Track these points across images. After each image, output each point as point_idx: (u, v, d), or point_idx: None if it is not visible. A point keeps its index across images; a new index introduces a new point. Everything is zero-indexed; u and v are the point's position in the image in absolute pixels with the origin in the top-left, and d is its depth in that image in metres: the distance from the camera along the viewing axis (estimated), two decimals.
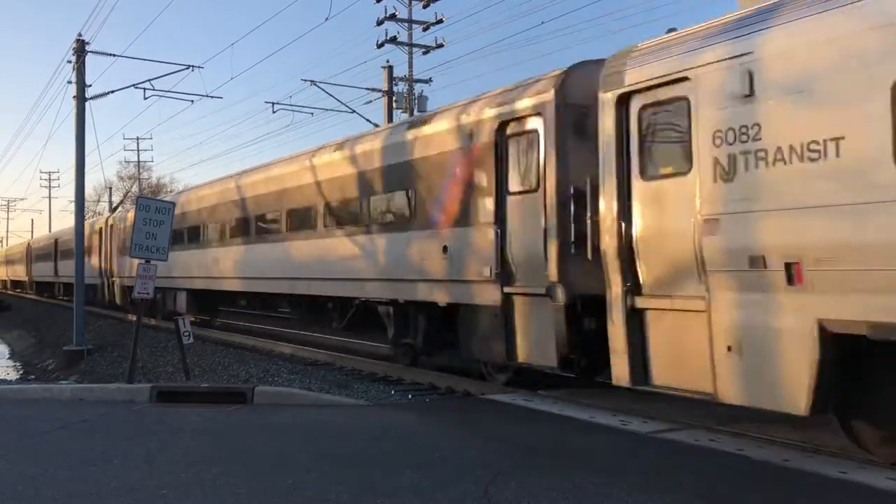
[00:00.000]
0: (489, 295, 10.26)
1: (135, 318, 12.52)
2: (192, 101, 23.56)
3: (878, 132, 5.69)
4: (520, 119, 9.91)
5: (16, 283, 62.17)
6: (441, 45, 29.28)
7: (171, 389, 10.26)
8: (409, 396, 10.78)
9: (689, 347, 7.14)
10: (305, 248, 15.44)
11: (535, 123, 9.67)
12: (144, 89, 21.53)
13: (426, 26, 28.65)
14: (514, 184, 10.04)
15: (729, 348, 6.68)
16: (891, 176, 5.59)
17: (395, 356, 13.53)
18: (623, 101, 7.88)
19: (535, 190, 9.62)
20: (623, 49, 8.23)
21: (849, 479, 5.68)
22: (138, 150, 64.49)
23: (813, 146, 6.07)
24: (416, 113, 29.24)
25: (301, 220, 15.76)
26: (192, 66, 21.25)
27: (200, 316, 22.49)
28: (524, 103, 9.85)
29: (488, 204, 10.31)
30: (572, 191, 9.00)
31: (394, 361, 13.42)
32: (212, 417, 8.50)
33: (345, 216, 14.27)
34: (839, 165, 5.90)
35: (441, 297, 11.45)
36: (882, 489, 5.42)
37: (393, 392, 11.32)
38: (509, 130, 10.07)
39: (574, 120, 9.27)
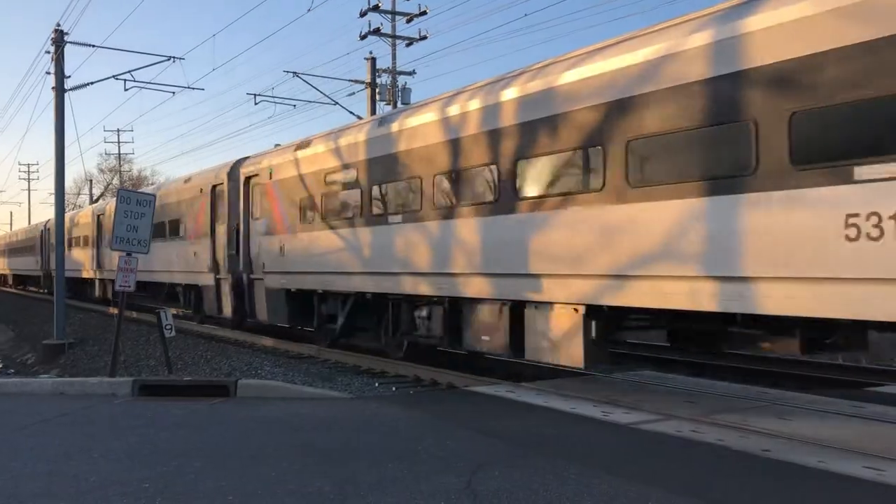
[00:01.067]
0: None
1: (116, 310, 12.44)
2: (174, 92, 23.43)
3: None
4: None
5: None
6: (425, 37, 29.23)
7: (153, 383, 10.22)
8: (393, 389, 10.80)
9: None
10: None
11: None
12: (125, 80, 21.37)
13: (410, 18, 28.58)
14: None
15: None
16: None
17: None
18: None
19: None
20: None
21: (827, 468, 5.75)
22: (119, 142, 64.07)
23: None
24: (399, 105, 29.17)
25: None
26: (173, 58, 21.10)
27: None
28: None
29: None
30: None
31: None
32: (194, 411, 8.47)
33: None
34: None
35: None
36: (860, 478, 5.49)
37: (377, 384, 11.35)
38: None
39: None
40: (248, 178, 17.34)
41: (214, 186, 19.15)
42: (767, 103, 7.04)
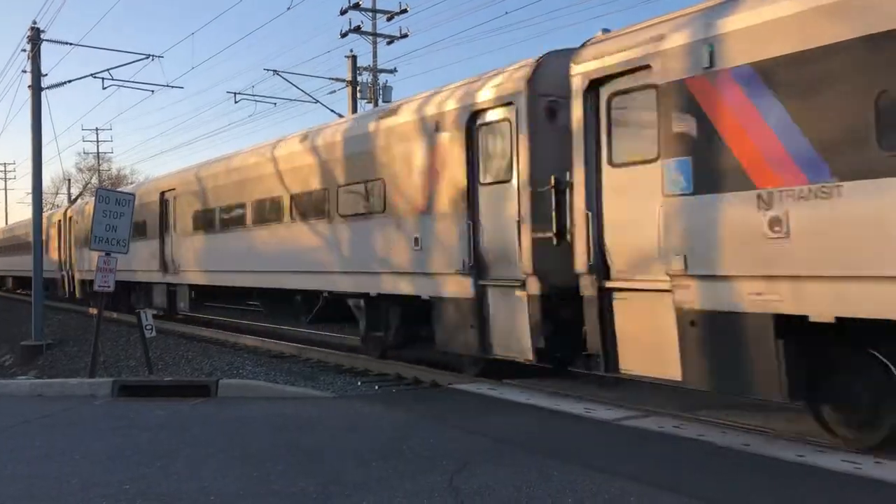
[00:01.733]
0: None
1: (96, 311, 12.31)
2: (153, 90, 23.20)
3: None
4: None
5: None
6: (406, 35, 29.13)
7: (134, 383, 10.14)
8: (376, 388, 10.77)
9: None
10: None
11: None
12: (103, 79, 21.12)
13: (390, 16, 28.45)
14: None
15: None
16: None
17: None
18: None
19: None
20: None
21: (806, 461, 5.82)
22: (97, 141, 63.30)
23: None
24: (380, 103, 29.10)
25: None
26: (152, 56, 20.90)
27: None
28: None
29: None
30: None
31: None
32: (175, 411, 8.42)
33: None
34: None
35: None
36: (836, 471, 5.56)
37: (359, 383, 11.31)
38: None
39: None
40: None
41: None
42: None
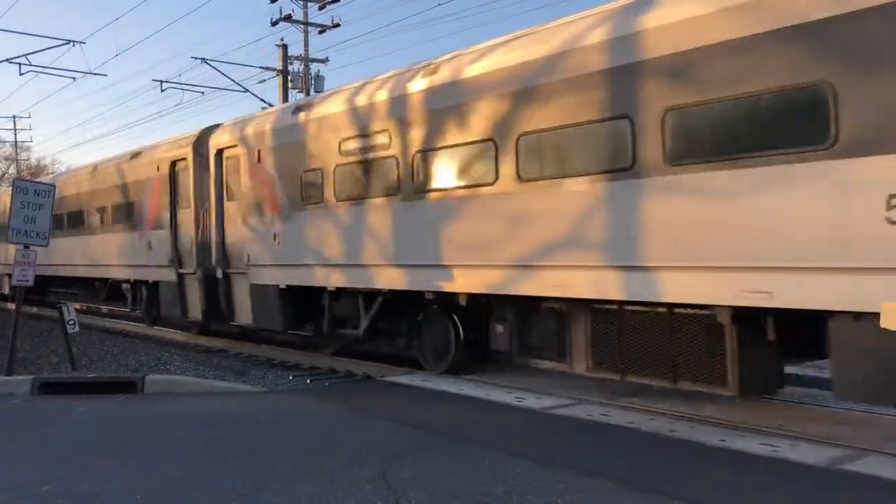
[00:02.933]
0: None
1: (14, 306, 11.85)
2: (74, 78, 22.56)
3: None
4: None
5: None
6: (338, 25, 28.83)
7: (55, 381, 9.81)
8: (308, 381, 10.69)
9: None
10: None
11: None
12: (20, 64, 20.34)
13: (322, 5, 28.10)
14: None
15: None
16: None
17: None
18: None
19: None
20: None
21: (727, 446, 6.03)
22: (15, 129, 60.82)
23: None
24: (312, 93, 28.77)
25: None
26: (73, 41, 20.25)
27: None
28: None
29: None
30: None
31: None
32: (100, 408, 8.18)
33: None
34: None
35: None
36: (755, 454, 5.78)
37: (291, 377, 11.19)
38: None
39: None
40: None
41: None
42: None
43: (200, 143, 14.69)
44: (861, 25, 5.84)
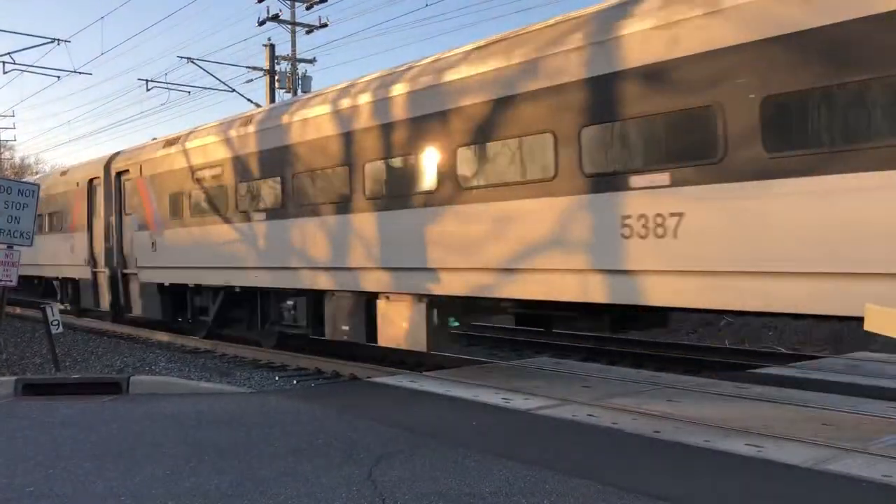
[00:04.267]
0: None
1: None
2: (59, 76, 22.46)
3: None
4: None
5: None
6: (325, 25, 28.79)
7: (39, 382, 9.75)
8: (294, 382, 10.67)
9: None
10: None
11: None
12: (3, 62, 20.19)
13: (309, 4, 28.06)
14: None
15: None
16: None
17: None
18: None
19: None
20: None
21: (712, 446, 6.05)
22: None
23: None
24: (300, 93, 28.69)
25: None
26: (58, 40, 20.13)
27: None
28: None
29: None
30: None
31: None
32: (83, 409, 8.12)
33: None
34: None
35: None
36: (739, 454, 5.80)
37: (277, 378, 11.18)
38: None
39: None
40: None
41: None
42: None
43: (110, 165, 18.27)
44: None
